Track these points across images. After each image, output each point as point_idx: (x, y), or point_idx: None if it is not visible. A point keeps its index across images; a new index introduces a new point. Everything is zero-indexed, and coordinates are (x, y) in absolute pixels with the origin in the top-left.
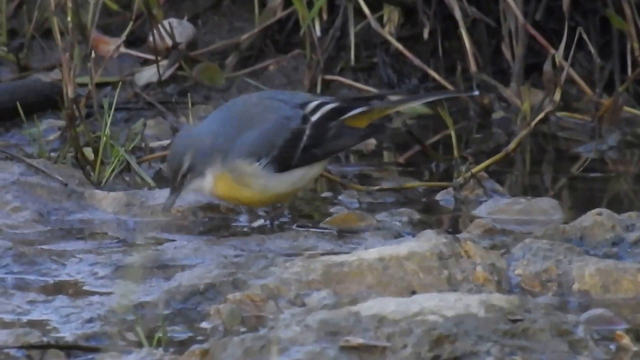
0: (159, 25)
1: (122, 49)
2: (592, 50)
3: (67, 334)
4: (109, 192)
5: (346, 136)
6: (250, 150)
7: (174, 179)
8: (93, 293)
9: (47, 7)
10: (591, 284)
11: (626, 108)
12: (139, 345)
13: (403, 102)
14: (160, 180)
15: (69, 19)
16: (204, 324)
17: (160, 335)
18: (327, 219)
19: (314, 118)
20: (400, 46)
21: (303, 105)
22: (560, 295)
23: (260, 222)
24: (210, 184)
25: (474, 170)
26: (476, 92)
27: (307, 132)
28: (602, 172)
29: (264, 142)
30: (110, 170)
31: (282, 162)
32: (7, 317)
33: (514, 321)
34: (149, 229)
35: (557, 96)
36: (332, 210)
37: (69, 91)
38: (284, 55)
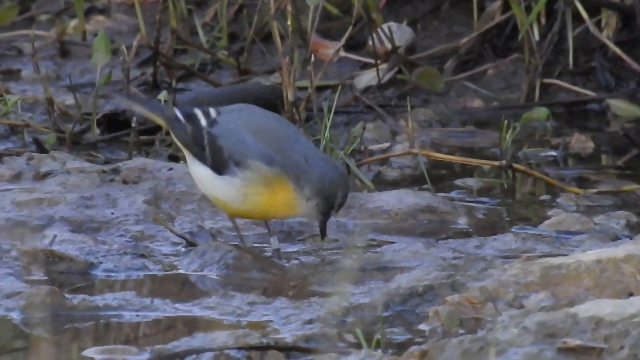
0: (379, 30)
1: (342, 53)
2: None
3: (287, 335)
4: None
5: None
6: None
7: None
8: (312, 294)
9: (267, 11)
10: None
11: None
12: (358, 346)
13: None
14: (380, 183)
15: (289, 23)
16: (422, 326)
17: (379, 336)
18: (545, 222)
19: None
20: (618, 50)
21: None
22: None
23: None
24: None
25: None
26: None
27: None
28: None
29: None
30: None
31: None
32: (228, 319)
33: None
34: (368, 231)
35: None
36: (550, 213)
37: (289, 94)
38: (503, 59)
